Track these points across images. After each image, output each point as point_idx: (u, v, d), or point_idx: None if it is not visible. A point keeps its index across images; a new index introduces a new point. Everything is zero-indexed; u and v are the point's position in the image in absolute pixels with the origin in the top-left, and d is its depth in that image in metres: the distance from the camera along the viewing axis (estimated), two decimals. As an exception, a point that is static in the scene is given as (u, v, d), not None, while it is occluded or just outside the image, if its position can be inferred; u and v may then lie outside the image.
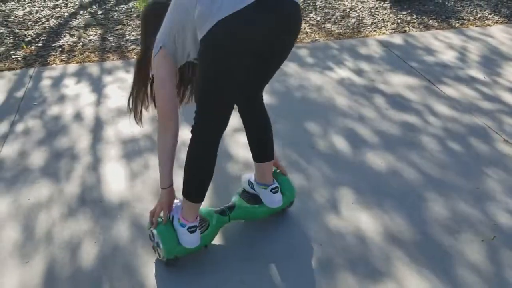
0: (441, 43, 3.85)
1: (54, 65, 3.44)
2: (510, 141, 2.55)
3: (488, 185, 2.21)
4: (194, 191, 1.64)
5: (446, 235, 1.91)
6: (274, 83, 3.13)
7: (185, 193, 1.64)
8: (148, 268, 1.75)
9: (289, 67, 3.39)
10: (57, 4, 4.64)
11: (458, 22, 4.27)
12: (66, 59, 3.53)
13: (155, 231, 1.68)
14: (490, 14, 4.46)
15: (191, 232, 1.65)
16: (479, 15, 4.43)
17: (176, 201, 1.75)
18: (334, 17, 4.36)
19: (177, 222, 1.68)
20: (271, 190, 1.87)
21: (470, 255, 1.81)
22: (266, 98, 2.86)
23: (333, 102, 2.94)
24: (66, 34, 3.96)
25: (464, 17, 4.38)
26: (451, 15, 4.42)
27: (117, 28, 4.08)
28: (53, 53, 3.61)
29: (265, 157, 1.85)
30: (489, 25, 4.23)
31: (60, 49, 3.68)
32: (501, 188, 2.18)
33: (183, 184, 1.64)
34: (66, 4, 4.65)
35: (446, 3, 4.73)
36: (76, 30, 4.02)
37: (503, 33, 4.05)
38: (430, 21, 4.29)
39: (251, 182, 1.94)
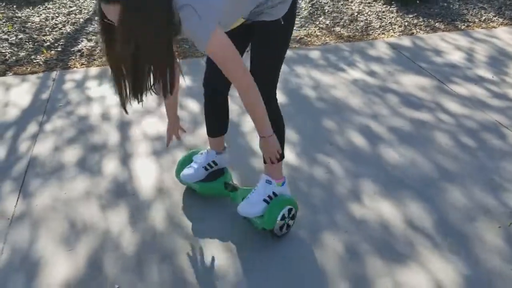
0: (448, 45, 3.96)
1: (75, 68, 3.55)
2: (520, 135, 2.66)
3: (502, 176, 2.31)
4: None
5: (465, 222, 2.02)
6: (289, 83, 3.24)
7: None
8: (184, 255, 1.85)
9: (302, 68, 3.50)
10: (71, 11, 4.76)
11: (464, 25, 4.40)
12: (86, 62, 3.64)
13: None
14: (495, 16, 4.59)
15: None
16: (484, 18, 4.56)
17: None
18: (343, 20, 4.48)
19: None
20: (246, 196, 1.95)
21: (489, 240, 1.92)
22: (282, 97, 2.99)
23: (347, 101, 3.05)
24: (84, 39, 4.07)
25: (470, 20, 4.50)
26: (456, 18, 4.54)
27: (133, 33, 4.20)
28: (73, 57, 3.72)
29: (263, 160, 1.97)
30: (494, 27, 4.35)
31: (79, 53, 3.79)
32: (514, 179, 2.29)
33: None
34: (80, 11, 4.77)
35: (451, 6, 4.85)
36: (93, 35, 4.14)
37: (508, 35, 4.17)
38: (437, 23, 4.41)
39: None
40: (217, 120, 2.09)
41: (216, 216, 2.07)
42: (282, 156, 1.92)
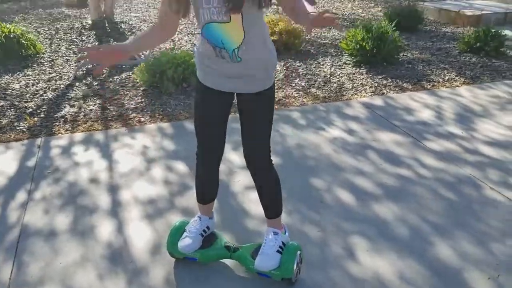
0: (417, 103, 4.21)
1: (60, 134, 3.57)
2: (496, 188, 2.82)
3: (484, 228, 2.44)
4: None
5: (456, 275, 2.10)
6: (274, 144, 3.36)
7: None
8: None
9: (285, 129, 3.64)
10: (51, 77, 4.83)
11: (429, 84, 4.69)
12: (70, 128, 3.67)
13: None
14: (457, 76, 4.93)
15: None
16: (447, 77, 4.88)
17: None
18: (317, 82, 4.71)
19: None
20: (260, 248, 2.04)
21: (481, 291, 2.00)
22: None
23: (332, 159, 3.17)
24: (66, 105, 4.12)
25: (434, 80, 4.82)
26: (422, 78, 4.85)
27: (115, 98, 4.28)
28: (57, 124, 3.75)
29: (266, 215, 2.14)
30: (458, 86, 4.66)
31: (63, 119, 3.83)
32: (496, 230, 2.42)
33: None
34: (61, 77, 4.85)
35: (416, 67, 5.19)
36: (76, 101, 4.20)
37: (471, 93, 4.48)
38: (404, 84, 4.69)
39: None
40: (212, 187, 2.16)
41: (220, 274, 2.09)
42: (280, 210, 2.12)
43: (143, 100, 4.23)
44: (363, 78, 4.84)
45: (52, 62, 5.33)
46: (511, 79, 4.88)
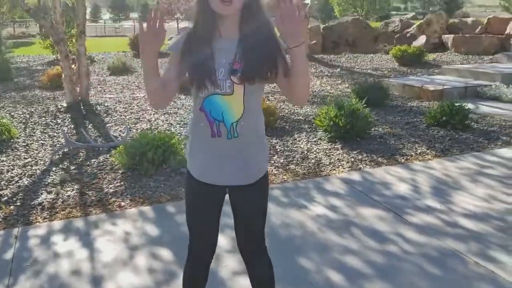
0: (393, 177, 4.33)
1: (38, 223, 3.48)
2: (480, 262, 2.86)
3: (476, 304, 2.45)
4: None
5: None
6: (258, 225, 3.35)
7: None
8: None
9: (268, 207, 3.64)
10: (27, 162, 4.77)
11: (403, 158, 4.85)
12: (48, 216, 3.58)
13: None
14: (428, 149, 5.12)
15: None
16: (419, 151, 5.07)
17: None
18: (295, 159, 4.81)
19: None
20: None
21: None
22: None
23: (318, 237, 3.18)
24: (43, 191, 4.05)
25: (407, 153, 4.99)
26: (395, 152, 5.02)
27: (93, 182, 4.24)
28: (34, 212, 3.66)
29: None
30: (430, 159, 4.83)
31: (40, 207, 3.74)
32: (487, 306, 2.43)
33: None
34: (36, 162, 4.79)
35: (388, 142, 5.38)
36: (53, 187, 4.13)
37: (443, 166, 4.64)
38: (379, 158, 4.84)
39: None
40: (202, 283, 2.10)
41: None
42: None
43: (122, 183, 4.20)
44: (339, 154, 4.97)
45: (27, 147, 5.29)
46: (479, 150, 5.10)
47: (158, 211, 3.67)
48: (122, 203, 3.81)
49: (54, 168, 4.61)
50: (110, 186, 4.15)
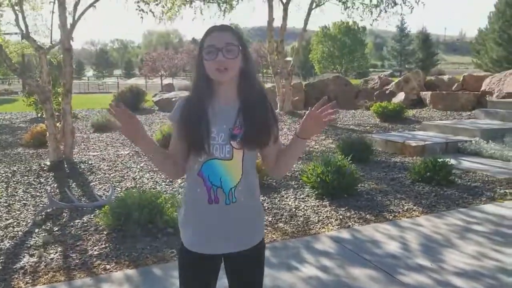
0: (383, 235, 4.31)
1: (19, 288, 3.34)
2: (476, 323, 2.81)
3: None
4: None
5: None
6: None
7: None
8: None
9: (258, 269, 3.57)
10: (8, 224, 4.63)
11: (391, 215, 4.86)
12: (31, 281, 3.44)
13: None
14: (414, 205, 5.14)
15: None
16: (406, 207, 5.08)
17: None
18: (284, 216, 4.77)
19: None
20: None
21: None
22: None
23: (309, 301, 3.10)
24: (25, 254, 3.91)
25: (394, 210, 5.00)
26: (383, 209, 5.02)
27: (77, 244, 4.12)
28: (16, 276, 3.52)
29: None
30: (417, 216, 4.84)
31: (23, 270, 3.60)
32: None
33: None
34: (18, 223, 4.66)
35: (375, 198, 5.40)
36: (35, 249, 4.00)
37: (431, 223, 4.64)
38: (367, 215, 4.83)
39: None
40: None
41: None
42: None
43: (107, 245, 4.09)
44: (327, 211, 4.95)
45: (9, 207, 5.16)
46: (465, 207, 5.14)
47: (144, 274, 3.56)
48: (107, 266, 3.69)
49: (36, 230, 4.48)
50: (95, 248, 4.04)
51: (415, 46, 55.01)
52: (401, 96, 14.18)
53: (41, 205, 5.22)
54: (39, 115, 13.45)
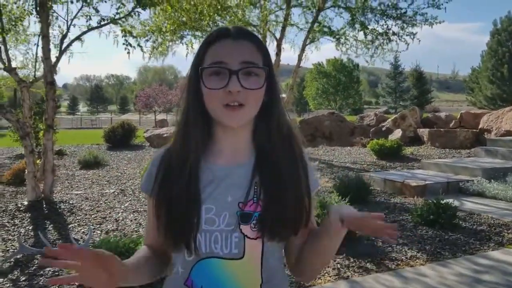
0: (384, 287, 3.88)
1: None
2: None
3: None
4: None
5: None
6: None
7: None
8: None
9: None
10: (-30, 272, 4.17)
11: (393, 264, 4.43)
12: None
13: None
14: (418, 252, 4.73)
15: None
16: (409, 254, 4.66)
17: None
18: (275, 266, 4.33)
19: None
20: None
21: None
22: None
23: None
24: (-18, 310, 3.45)
25: (397, 258, 4.57)
26: (384, 256, 4.60)
27: (43, 297, 3.67)
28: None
29: None
30: (422, 264, 4.42)
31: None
32: None
33: None
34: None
35: (375, 243, 4.98)
36: (-6, 304, 3.54)
37: (436, 272, 4.22)
38: (368, 264, 4.40)
39: None
40: None
41: None
42: None
43: (77, 298, 3.64)
44: (323, 259, 4.52)
45: (-25, 253, 4.70)
46: (472, 253, 4.73)
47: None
48: (74, 326, 3.24)
49: (1, 280, 4.02)
50: (63, 303, 3.58)
51: (409, 84, 55.55)
52: (398, 133, 13.92)
53: (12, 250, 4.76)
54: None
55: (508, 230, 5.49)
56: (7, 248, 4.88)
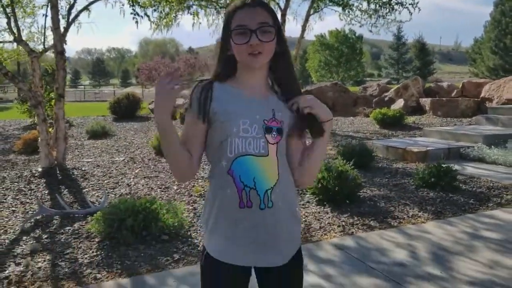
0: (388, 243, 4.10)
1: (2, 300, 3.12)
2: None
3: None
4: None
5: None
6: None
7: None
8: None
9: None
10: (-5, 231, 4.41)
11: (395, 221, 4.65)
12: (15, 291, 3.23)
13: None
14: (419, 211, 4.95)
15: None
16: (410, 213, 4.88)
17: None
18: (284, 224, 4.56)
19: None
20: None
21: None
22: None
23: (314, 312, 2.89)
24: (11, 263, 3.69)
25: (399, 216, 4.80)
26: (387, 215, 4.82)
27: (67, 252, 3.90)
28: (0, 286, 3.29)
29: None
30: (423, 222, 4.64)
31: (7, 280, 3.38)
32: None
33: None
34: (6, 231, 4.44)
35: (378, 204, 5.20)
36: (22, 258, 3.77)
37: (438, 229, 4.45)
38: (371, 222, 4.63)
39: None
40: None
41: None
42: None
43: (98, 253, 3.88)
44: (329, 217, 4.75)
45: (-3, 214, 4.94)
46: (472, 212, 4.95)
47: (137, 284, 3.35)
48: (98, 275, 3.47)
49: (24, 237, 4.26)
50: (85, 256, 3.82)
51: (412, 55, 55.19)
52: (400, 103, 14.04)
53: (31, 212, 5.00)
54: (31, 122, 13.22)
55: (507, 192, 5.70)
56: (26, 211, 5.10)
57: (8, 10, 7.02)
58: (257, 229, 1.53)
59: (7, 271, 3.54)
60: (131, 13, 7.03)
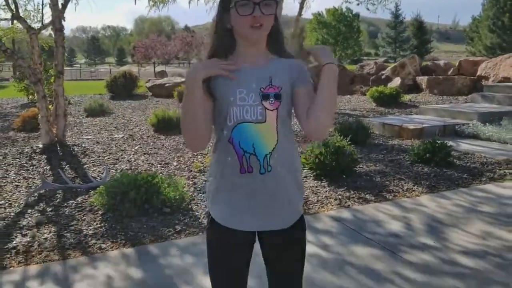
0: (384, 215, 4.23)
1: (12, 268, 3.22)
2: (484, 299, 2.75)
3: None
4: None
5: None
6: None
7: None
8: None
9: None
10: (0, 205, 4.51)
11: (390, 195, 4.78)
12: (24, 260, 3.33)
13: None
14: (414, 186, 5.07)
15: None
16: (405, 187, 5.01)
17: None
18: (282, 198, 4.67)
19: None
20: None
21: None
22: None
23: (313, 278, 3.02)
24: (18, 234, 3.80)
25: (394, 190, 4.92)
26: (382, 189, 4.94)
27: (71, 224, 4.01)
28: (8, 256, 3.40)
29: None
30: (417, 196, 4.77)
31: (15, 250, 3.49)
32: None
33: None
34: (10, 204, 4.54)
35: (374, 179, 5.31)
36: (28, 230, 3.88)
37: (432, 202, 4.57)
38: (367, 195, 4.75)
39: None
40: None
41: None
42: None
43: (102, 224, 3.99)
44: (326, 191, 4.86)
45: (0, 189, 5.03)
46: (465, 186, 5.07)
47: (141, 253, 3.47)
48: (103, 245, 3.59)
49: (29, 210, 4.36)
50: (90, 227, 3.93)
51: (409, 33, 54.93)
52: (397, 81, 14.10)
53: (34, 187, 5.09)
54: (29, 100, 13.22)
55: (500, 167, 5.83)
56: (29, 185, 5.19)
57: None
58: (258, 193, 1.61)
59: (14, 242, 3.65)
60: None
